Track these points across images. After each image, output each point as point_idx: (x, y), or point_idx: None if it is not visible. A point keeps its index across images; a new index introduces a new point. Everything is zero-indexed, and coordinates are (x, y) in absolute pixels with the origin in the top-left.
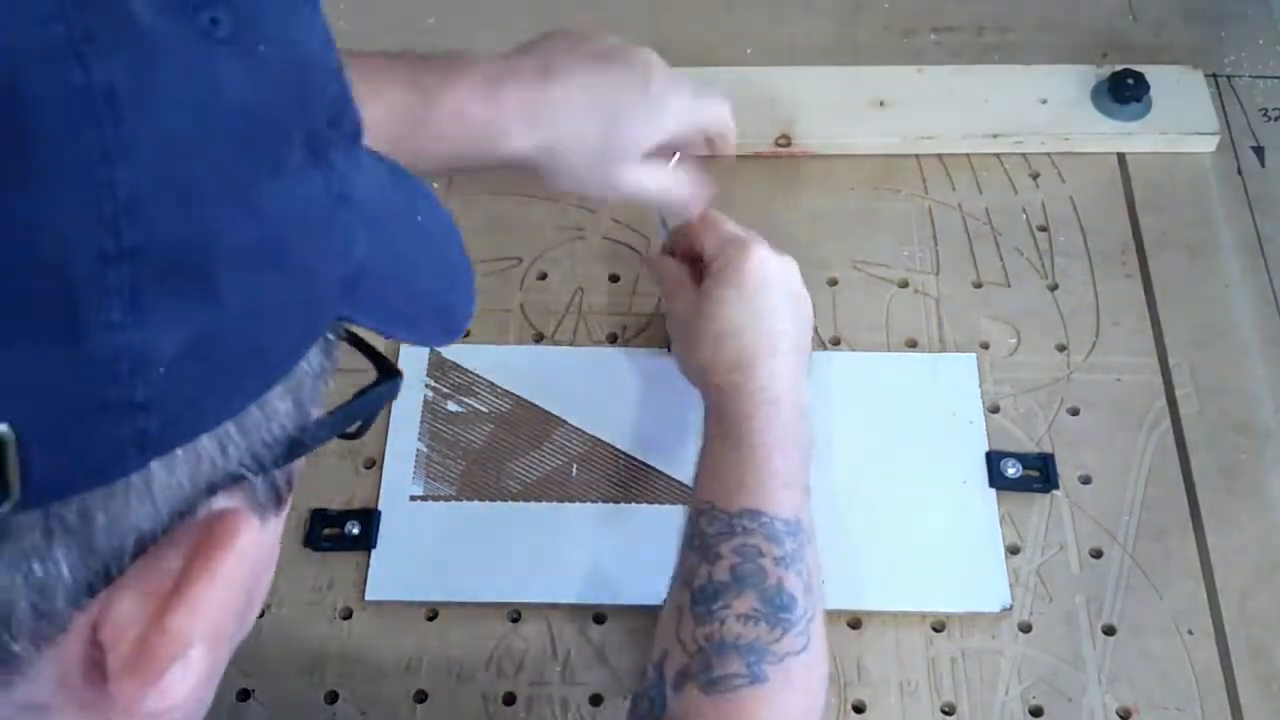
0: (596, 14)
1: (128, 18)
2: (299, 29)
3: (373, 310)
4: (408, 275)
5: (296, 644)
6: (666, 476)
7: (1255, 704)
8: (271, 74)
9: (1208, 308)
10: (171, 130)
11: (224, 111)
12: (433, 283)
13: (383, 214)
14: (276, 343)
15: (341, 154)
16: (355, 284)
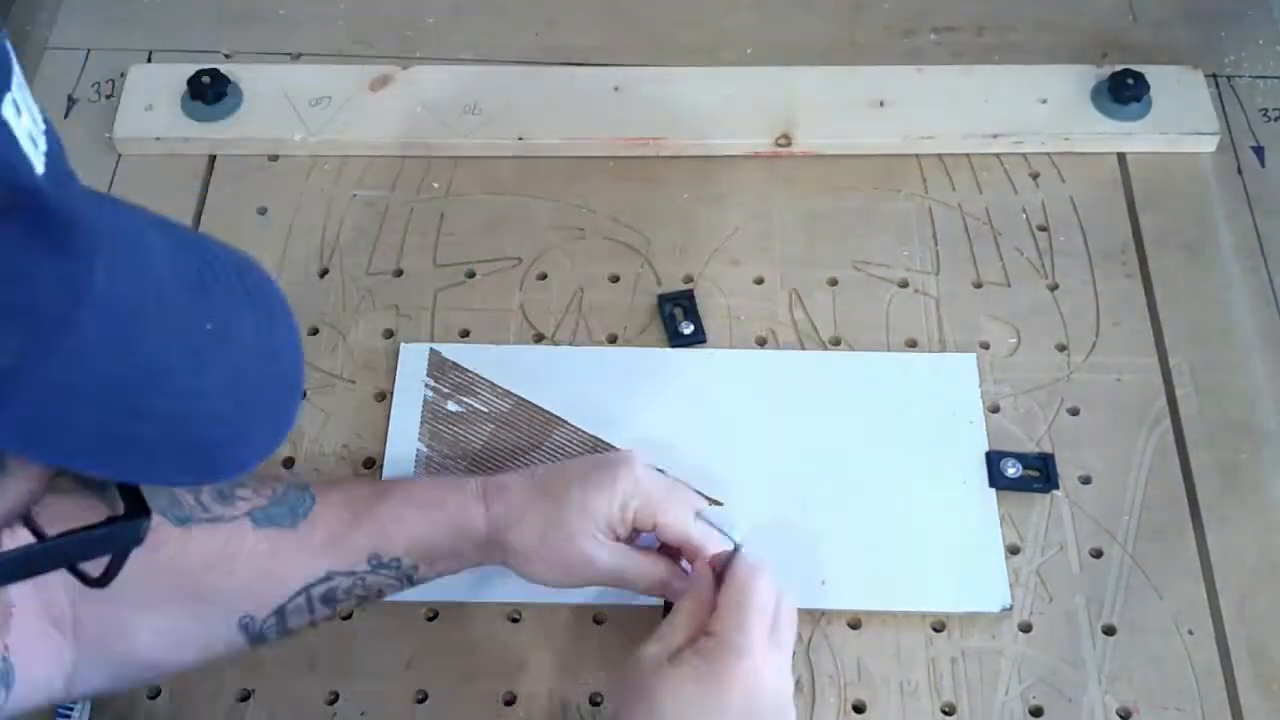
0: (596, 14)
1: None
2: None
3: (27, 434)
4: (123, 391)
5: (297, 644)
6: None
7: (1255, 704)
8: None
9: (1208, 308)
10: None
11: None
12: (182, 406)
13: (102, 312)
14: None
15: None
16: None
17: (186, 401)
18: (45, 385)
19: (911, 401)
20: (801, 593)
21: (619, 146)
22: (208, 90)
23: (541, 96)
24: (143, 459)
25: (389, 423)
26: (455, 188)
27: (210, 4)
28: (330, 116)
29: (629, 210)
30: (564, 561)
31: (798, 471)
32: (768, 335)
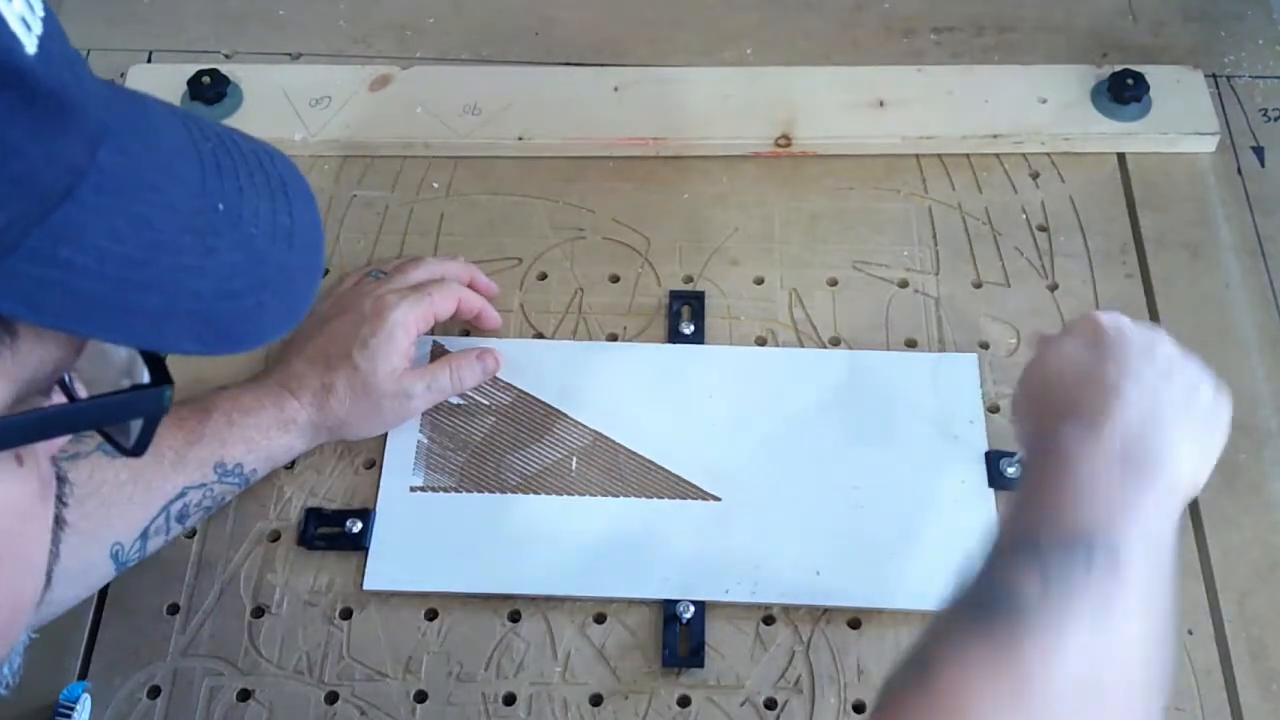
0: (596, 14)
1: None
2: None
3: (30, 300)
4: (129, 266)
5: (296, 644)
6: (666, 471)
7: (1255, 704)
8: None
9: (1208, 308)
10: None
11: None
12: (192, 282)
13: (108, 190)
14: None
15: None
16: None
17: (194, 277)
18: (43, 255)
19: (911, 401)
20: (799, 587)
21: (619, 146)
22: (208, 90)
23: (541, 96)
24: (151, 328)
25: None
26: (455, 188)
27: (210, 4)
28: (330, 116)
29: (629, 210)
30: (386, 409)
31: (797, 470)
32: (768, 335)
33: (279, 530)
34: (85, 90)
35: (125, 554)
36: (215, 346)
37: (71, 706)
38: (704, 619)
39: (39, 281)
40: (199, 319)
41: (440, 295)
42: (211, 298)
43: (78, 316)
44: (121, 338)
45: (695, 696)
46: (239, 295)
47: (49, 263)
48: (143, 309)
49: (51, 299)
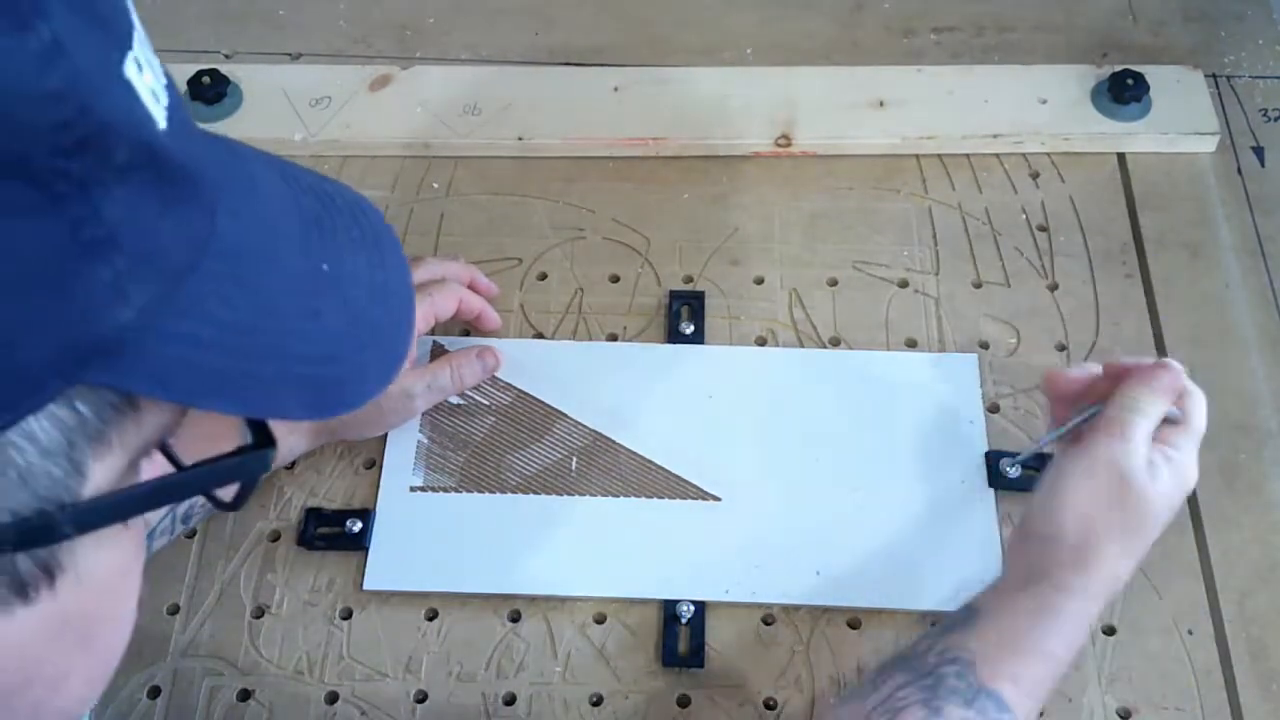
0: (596, 14)
1: None
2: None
3: (158, 376)
4: (245, 335)
5: (296, 644)
6: (666, 471)
7: (1255, 704)
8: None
9: (1208, 308)
10: None
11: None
12: (300, 347)
13: (225, 258)
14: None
15: (115, 189)
16: (115, 348)
17: (300, 342)
18: (170, 334)
19: (911, 401)
20: (799, 587)
21: (619, 146)
22: (208, 90)
23: (541, 96)
24: (264, 396)
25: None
26: (455, 188)
27: (210, 4)
28: (330, 116)
29: (629, 210)
30: (387, 409)
31: (797, 470)
32: (768, 335)
33: (279, 530)
34: (202, 155)
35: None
36: (320, 411)
37: None
38: (704, 619)
39: (168, 359)
40: (305, 384)
41: (441, 295)
42: (316, 362)
43: (200, 390)
44: (238, 408)
45: (695, 696)
46: (341, 359)
47: (175, 339)
48: (259, 377)
49: (179, 375)
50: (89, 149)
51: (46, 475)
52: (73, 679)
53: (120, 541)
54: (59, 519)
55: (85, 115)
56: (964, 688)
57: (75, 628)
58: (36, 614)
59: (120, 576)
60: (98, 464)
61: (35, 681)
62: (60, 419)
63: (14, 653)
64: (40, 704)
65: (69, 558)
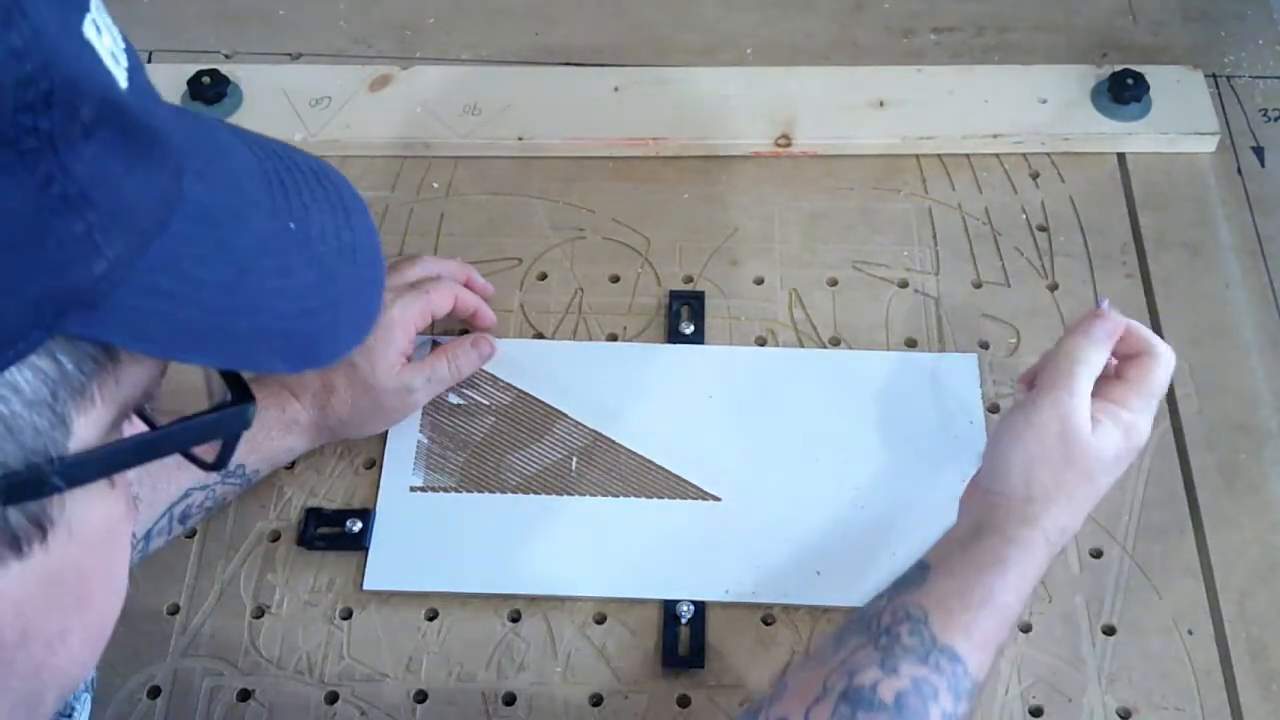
0: (596, 14)
1: None
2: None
3: (134, 329)
4: (219, 291)
5: (296, 644)
6: (666, 471)
7: (1255, 704)
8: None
9: (1208, 308)
10: None
11: None
12: (274, 302)
13: (195, 219)
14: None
15: (81, 147)
16: (90, 299)
17: (275, 298)
18: (145, 287)
19: (911, 401)
20: (799, 588)
21: (619, 146)
22: (208, 90)
23: (541, 96)
24: (242, 350)
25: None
26: (455, 188)
27: (210, 4)
28: (330, 116)
29: (629, 210)
30: (388, 405)
31: (797, 470)
32: (768, 335)
33: (279, 530)
34: (165, 119)
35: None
36: (299, 364)
37: (71, 706)
38: (704, 619)
39: (143, 312)
40: (282, 338)
41: (437, 293)
42: (292, 317)
43: (179, 344)
44: (218, 361)
45: (695, 696)
46: (315, 313)
47: (151, 294)
48: (235, 332)
49: (155, 328)
50: (54, 105)
51: (32, 427)
52: (70, 638)
53: (107, 500)
54: (47, 471)
55: (48, 71)
56: (918, 645)
57: (69, 585)
58: (31, 569)
59: (109, 534)
60: (81, 418)
61: (34, 638)
62: (42, 370)
63: (10, 608)
64: (41, 664)
65: (59, 512)
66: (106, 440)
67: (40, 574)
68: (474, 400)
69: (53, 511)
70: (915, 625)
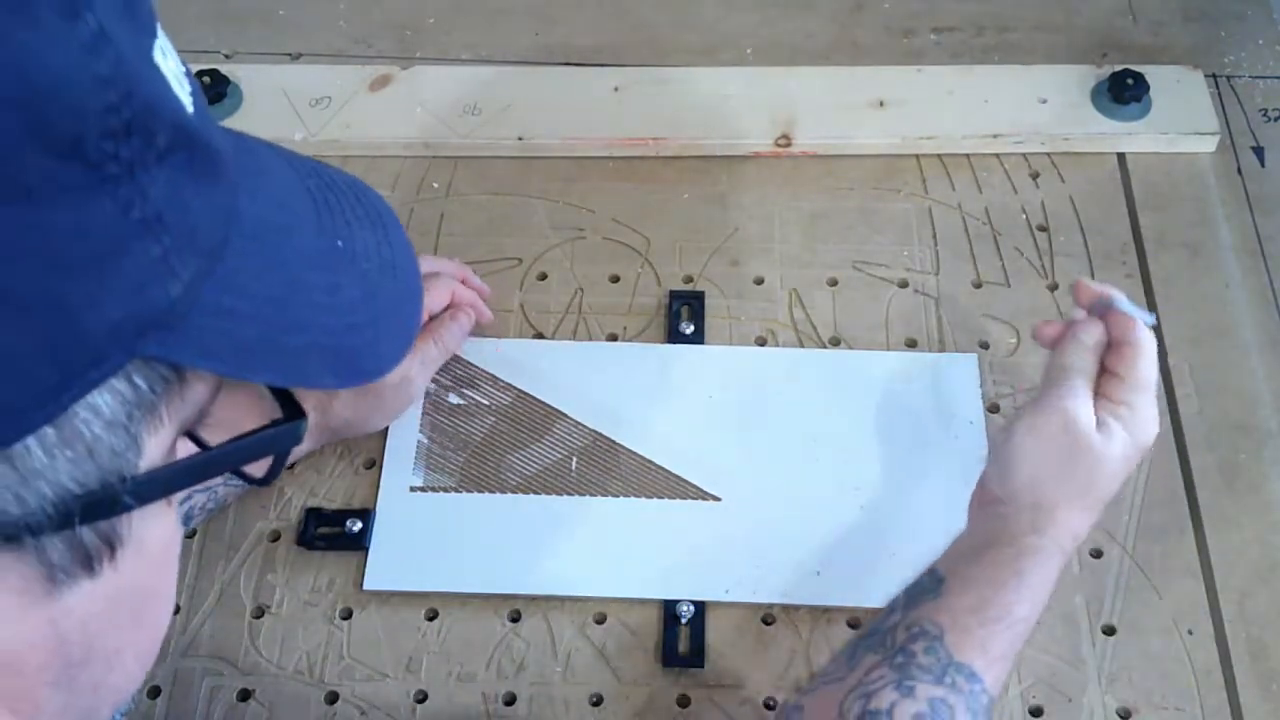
0: (596, 14)
1: None
2: (28, 37)
3: (204, 348)
4: (275, 308)
5: (296, 644)
6: (666, 471)
7: (1255, 704)
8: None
9: (1208, 308)
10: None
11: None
12: (324, 318)
13: (251, 236)
14: (13, 393)
15: (156, 171)
16: (167, 321)
17: (325, 314)
18: (212, 307)
19: (911, 401)
20: (799, 587)
21: (619, 146)
22: (208, 90)
23: (541, 96)
24: (295, 366)
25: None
26: (455, 188)
27: (210, 4)
28: (330, 116)
29: (629, 210)
30: (389, 398)
31: (797, 469)
32: (768, 335)
33: (279, 530)
34: (221, 139)
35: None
36: (348, 379)
37: None
38: (704, 619)
39: (212, 331)
40: (332, 354)
41: (434, 289)
42: (339, 332)
43: (242, 361)
44: (275, 377)
45: (695, 696)
46: (360, 329)
47: (218, 313)
48: (289, 348)
49: (222, 347)
50: (134, 132)
51: (109, 448)
52: (125, 655)
53: (166, 517)
54: (120, 491)
55: (130, 99)
56: (933, 663)
57: (130, 602)
58: (100, 587)
59: (167, 551)
60: (151, 438)
61: (95, 657)
62: (120, 392)
63: (79, 626)
64: (99, 682)
65: (127, 531)
66: (168, 459)
67: (107, 592)
68: (474, 400)
69: (122, 530)
70: (931, 643)
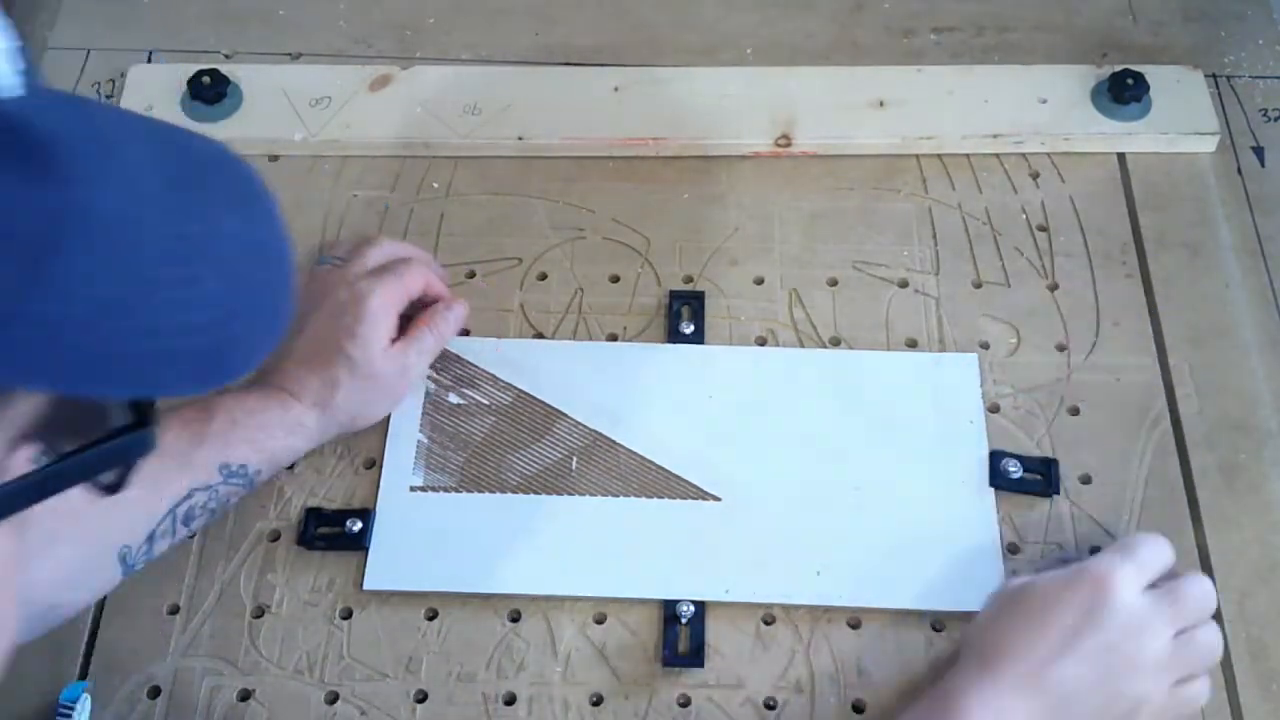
0: (596, 14)
1: None
2: None
3: (27, 365)
4: (118, 312)
5: (296, 644)
6: (666, 470)
7: (1255, 704)
8: None
9: (1208, 308)
10: None
11: None
12: (180, 317)
13: (89, 234)
14: None
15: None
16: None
17: (180, 311)
18: (38, 317)
19: (911, 401)
20: (799, 586)
21: (619, 146)
22: (208, 90)
23: (541, 96)
24: (144, 374)
25: (391, 414)
26: (455, 188)
27: (210, 4)
28: (330, 116)
29: (629, 210)
30: (387, 386)
31: (797, 469)
32: (768, 335)
33: (279, 530)
34: (57, 121)
35: (133, 557)
36: (208, 382)
37: (71, 706)
38: (704, 619)
39: (36, 345)
40: (189, 357)
41: (410, 275)
42: (198, 332)
43: (75, 375)
44: (119, 390)
45: (695, 696)
46: (223, 324)
47: (43, 324)
48: (137, 355)
49: (47, 362)
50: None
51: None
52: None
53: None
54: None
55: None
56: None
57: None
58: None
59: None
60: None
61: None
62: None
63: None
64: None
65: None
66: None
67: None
68: (474, 400)
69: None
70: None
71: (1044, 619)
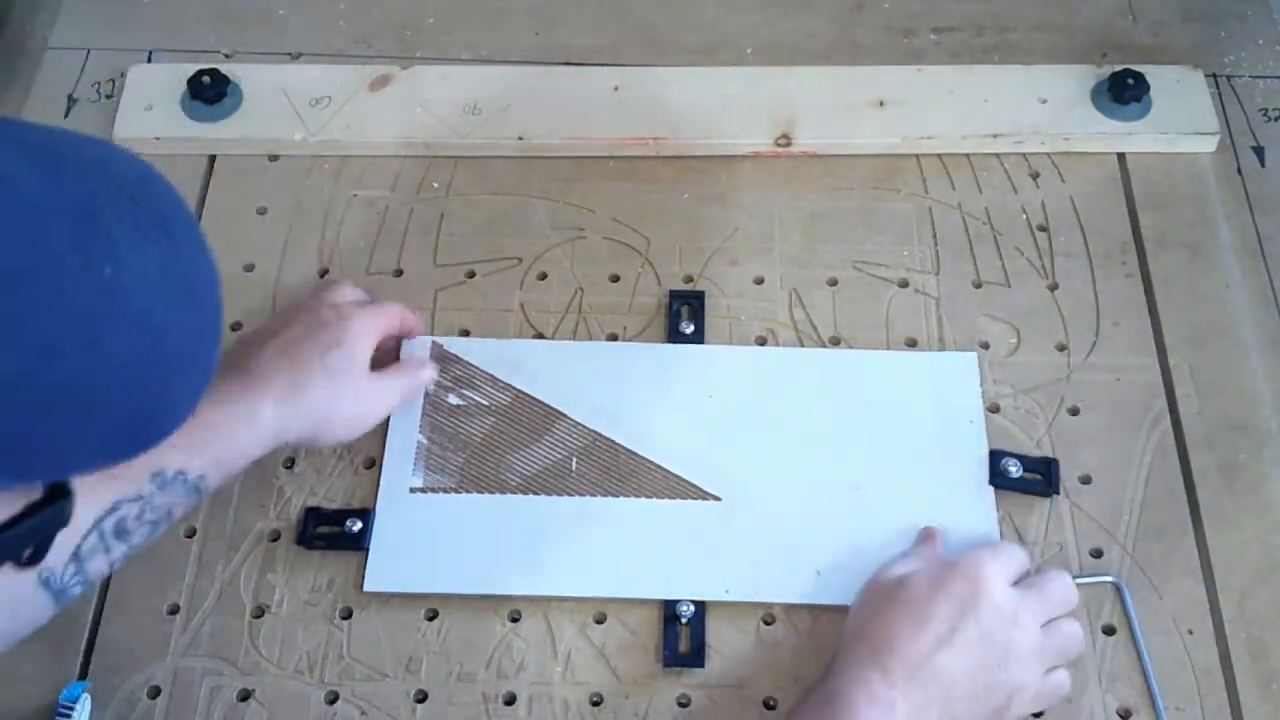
0: (596, 14)
1: None
2: None
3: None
4: (11, 392)
5: (296, 644)
6: (665, 470)
7: (1255, 704)
8: None
9: (1208, 308)
10: None
11: None
12: (91, 384)
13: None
14: None
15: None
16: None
17: (91, 380)
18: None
19: (911, 401)
20: (799, 588)
21: (619, 146)
22: (208, 90)
23: (541, 96)
24: (60, 456)
25: (390, 415)
26: (455, 188)
27: (210, 4)
28: (330, 116)
29: (629, 210)
30: (352, 408)
31: (797, 469)
32: (768, 335)
33: (279, 530)
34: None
35: (59, 581)
36: (126, 453)
37: (71, 706)
38: (704, 619)
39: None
40: (106, 429)
41: (389, 307)
42: (116, 397)
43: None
44: (23, 475)
45: (695, 696)
46: (144, 386)
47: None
48: (37, 437)
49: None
50: None
51: None
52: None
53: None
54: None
55: None
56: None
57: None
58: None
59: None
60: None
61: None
62: None
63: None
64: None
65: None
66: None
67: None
68: (474, 400)
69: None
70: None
71: (925, 612)
